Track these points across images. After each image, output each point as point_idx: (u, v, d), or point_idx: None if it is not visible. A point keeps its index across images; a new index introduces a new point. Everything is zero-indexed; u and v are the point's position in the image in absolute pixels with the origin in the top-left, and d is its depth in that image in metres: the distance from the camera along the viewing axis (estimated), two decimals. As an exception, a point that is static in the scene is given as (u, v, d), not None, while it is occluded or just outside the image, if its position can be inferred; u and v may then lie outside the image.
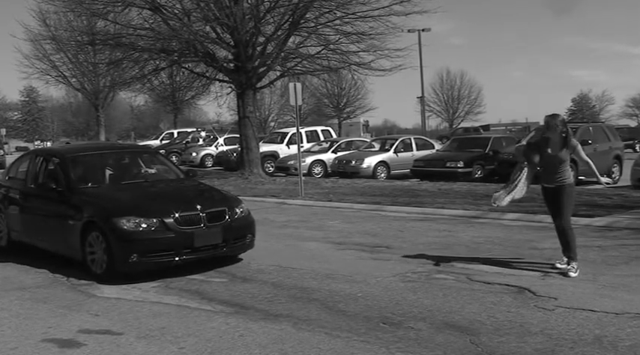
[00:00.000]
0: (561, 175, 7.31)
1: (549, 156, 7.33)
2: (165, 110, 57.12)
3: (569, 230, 7.31)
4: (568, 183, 7.34)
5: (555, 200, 7.39)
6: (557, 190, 7.34)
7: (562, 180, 7.31)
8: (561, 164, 7.30)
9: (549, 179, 7.40)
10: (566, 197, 7.31)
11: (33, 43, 37.11)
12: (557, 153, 7.28)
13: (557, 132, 7.25)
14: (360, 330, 5.48)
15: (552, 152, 7.29)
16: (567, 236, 7.27)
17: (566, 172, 7.34)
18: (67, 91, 61.36)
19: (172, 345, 5.24)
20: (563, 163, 7.31)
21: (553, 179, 7.35)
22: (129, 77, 25.31)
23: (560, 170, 7.31)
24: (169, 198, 8.31)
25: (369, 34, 19.91)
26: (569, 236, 7.27)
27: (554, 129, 7.27)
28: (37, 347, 5.33)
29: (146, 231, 7.47)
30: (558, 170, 7.31)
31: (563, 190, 7.31)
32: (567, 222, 7.31)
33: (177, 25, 19.62)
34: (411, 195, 15.17)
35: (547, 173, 7.43)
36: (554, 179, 7.34)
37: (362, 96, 64.17)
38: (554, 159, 7.30)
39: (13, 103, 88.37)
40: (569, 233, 7.27)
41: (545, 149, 7.35)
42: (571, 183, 7.39)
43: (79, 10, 22.36)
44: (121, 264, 7.41)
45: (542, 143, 7.42)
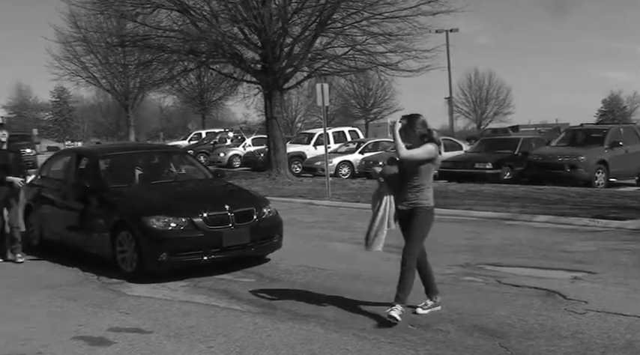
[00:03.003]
0: (415, 194, 5.77)
1: (405, 165, 5.79)
2: (194, 111, 57.61)
3: (409, 268, 5.77)
4: (424, 205, 5.78)
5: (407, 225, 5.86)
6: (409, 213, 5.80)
7: (416, 200, 5.77)
8: (415, 177, 5.73)
9: (401, 197, 5.84)
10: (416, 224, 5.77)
11: (64, 44, 37.61)
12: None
13: (416, 135, 5.75)
14: (387, 332, 5.46)
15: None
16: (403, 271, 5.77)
17: (423, 191, 5.77)
18: (97, 92, 62.25)
19: (201, 344, 5.28)
20: (417, 176, 5.73)
21: (405, 198, 5.81)
22: (158, 78, 25.59)
23: (415, 185, 5.75)
24: (198, 198, 8.37)
25: (397, 35, 19.85)
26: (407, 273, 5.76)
27: (412, 132, 5.76)
28: (69, 344, 5.41)
29: (175, 230, 7.54)
30: (413, 185, 5.75)
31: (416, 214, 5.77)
32: (410, 254, 5.79)
33: (206, 26, 19.78)
34: (438, 197, 14.91)
35: (402, 189, 5.83)
36: (406, 198, 5.80)
37: (389, 97, 63.91)
38: (409, 170, 5.76)
39: (44, 104, 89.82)
40: (407, 270, 5.76)
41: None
42: (429, 207, 5.82)
43: (108, 12, 22.68)
44: (151, 262, 7.50)
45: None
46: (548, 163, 18.44)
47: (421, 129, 5.71)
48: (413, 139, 5.73)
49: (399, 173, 5.81)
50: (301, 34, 20.26)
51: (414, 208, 5.75)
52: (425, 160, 5.68)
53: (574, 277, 7.16)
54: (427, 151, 5.66)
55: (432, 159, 5.72)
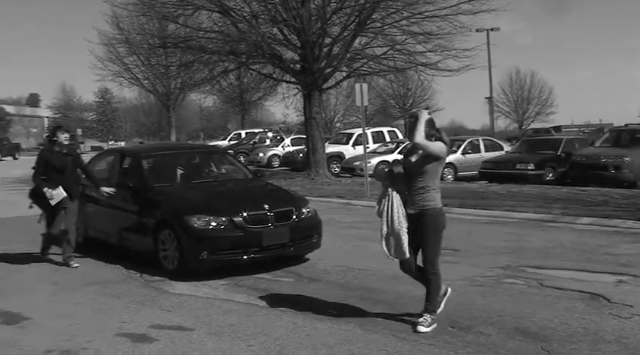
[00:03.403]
0: (422, 195, 5.57)
1: (410, 166, 5.63)
2: (234, 111, 58.09)
3: (434, 275, 5.62)
4: (432, 207, 5.59)
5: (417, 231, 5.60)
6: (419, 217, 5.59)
7: (423, 202, 5.57)
8: (420, 177, 5.56)
9: (409, 201, 5.62)
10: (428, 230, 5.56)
11: (107, 46, 38.34)
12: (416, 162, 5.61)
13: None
14: (427, 334, 5.43)
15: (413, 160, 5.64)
16: (429, 281, 5.64)
17: (429, 192, 5.57)
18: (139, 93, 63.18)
19: (242, 343, 5.33)
20: (423, 177, 5.55)
21: (412, 201, 5.61)
22: (199, 79, 25.90)
23: (420, 186, 5.56)
24: (238, 198, 8.45)
25: (437, 34, 19.70)
26: (433, 282, 5.64)
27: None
28: (112, 340, 5.52)
29: (216, 229, 7.63)
30: (419, 186, 5.56)
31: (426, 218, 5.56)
32: (430, 262, 5.61)
33: (246, 27, 19.94)
34: (479, 198, 14.92)
35: (409, 192, 5.62)
36: (413, 201, 5.60)
37: (428, 96, 63.54)
38: (414, 170, 5.58)
39: (88, 104, 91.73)
40: (432, 279, 5.63)
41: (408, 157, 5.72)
42: (437, 209, 5.62)
43: (150, 14, 23.01)
44: (192, 261, 7.59)
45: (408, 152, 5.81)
46: (591, 164, 18.08)
47: (428, 128, 5.49)
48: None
49: (405, 175, 5.62)
50: (340, 34, 20.26)
51: (421, 211, 5.56)
52: (432, 158, 5.50)
53: (618, 280, 7.01)
54: (439, 147, 5.52)
55: (440, 158, 5.57)
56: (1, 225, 13.08)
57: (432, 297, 5.62)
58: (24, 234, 11.49)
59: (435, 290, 5.62)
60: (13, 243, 10.53)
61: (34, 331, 5.83)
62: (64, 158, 8.51)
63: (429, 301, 5.61)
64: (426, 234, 5.55)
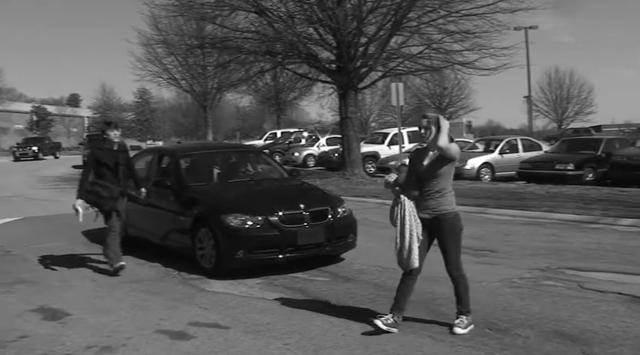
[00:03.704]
0: (437, 199, 5.46)
1: (423, 169, 5.50)
2: (269, 111, 58.38)
3: (461, 277, 5.58)
4: (449, 210, 5.49)
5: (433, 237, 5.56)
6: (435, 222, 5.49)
7: (440, 206, 5.47)
8: (434, 181, 5.44)
9: (422, 205, 5.51)
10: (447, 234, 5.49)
11: (145, 46, 38.89)
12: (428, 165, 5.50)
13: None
14: (464, 335, 5.39)
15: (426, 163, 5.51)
16: (457, 284, 5.61)
17: (445, 195, 5.49)
18: (177, 93, 64.13)
19: (277, 341, 5.36)
20: (437, 180, 5.44)
21: (427, 205, 5.50)
22: (235, 79, 26.13)
23: (436, 190, 5.46)
24: (274, 197, 8.48)
25: (474, 33, 19.49)
26: (461, 285, 5.60)
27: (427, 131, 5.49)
28: (151, 337, 5.60)
29: (252, 228, 7.69)
30: (433, 190, 5.45)
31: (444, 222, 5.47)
32: (455, 266, 5.56)
33: (282, 27, 20.02)
34: (517, 198, 14.73)
35: (421, 196, 5.51)
36: (427, 205, 5.49)
37: (465, 96, 62.93)
38: (428, 174, 5.46)
39: (127, 105, 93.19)
40: (460, 282, 5.59)
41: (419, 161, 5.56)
42: (454, 212, 5.52)
43: (188, 15, 23.26)
44: (228, 259, 7.65)
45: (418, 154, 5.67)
46: (633, 164, 17.69)
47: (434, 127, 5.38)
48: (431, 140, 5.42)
49: (416, 179, 5.46)
50: (376, 34, 20.20)
51: (438, 216, 5.42)
52: (447, 160, 5.40)
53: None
54: (457, 150, 5.45)
55: (454, 160, 5.47)
56: (43, 222, 13.37)
57: (464, 299, 5.55)
58: (65, 231, 11.76)
59: (465, 290, 5.55)
60: (55, 241, 10.77)
61: (75, 327, 5.95)
62: (115, 155, 8.25)
63: (462, 303, 5.55)
64: (448, 240, 5.47)
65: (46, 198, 18.77)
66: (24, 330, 5.85)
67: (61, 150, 55.63)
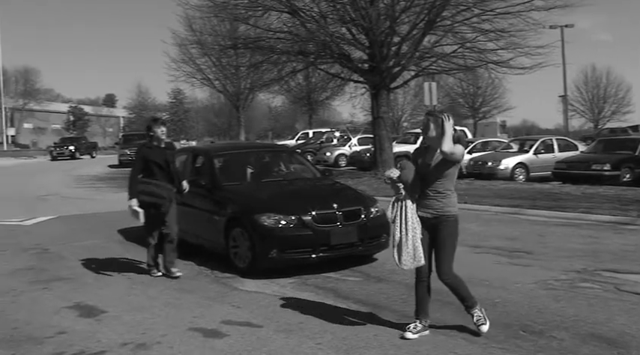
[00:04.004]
0: (441, 200, 5.33)
1: (427, 169, 5.34)
2: (301, 111, 58.53)
3: (454, 278, 5.41)
4: (452, 213, 5.36)
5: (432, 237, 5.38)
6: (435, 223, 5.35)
7: (443, 207, 5.33)
8: (439, 181, 5.32)
9: (423, 204, 5.37)
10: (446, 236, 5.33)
11: (180, 47, 39.41)
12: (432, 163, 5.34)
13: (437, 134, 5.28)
14: (498, 337, 5.33)
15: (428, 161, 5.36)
16: (451, 286, 5.43)
17: (449, 197, 5.35)
18: (210, 93, 64.74)
19: (310, 340, 5.36)
20: (442, 180, 5.32)
21: (429, 204, 5.36)
22: (268, 79, 26.25)
23: (440, 191, 5.33)
24: (307, 196, 8.50)
25: (508, 31, 19.30)
26: (455, 284, 5.42)
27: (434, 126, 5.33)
28: (185, 334, 5.65)
29: (285, 227, 7.68)
30: (437, 190, 5.33)
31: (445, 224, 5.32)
32: (447, 270, 5.36)
33: (314, 27, 20.05)
34: (552, 199, 14.51)
35: (423, 195, 5.38)
36: (430, 205, 5.36)
37: (499, 95, 62.27)
38: (433, 174, 5.32)
39: (162, 105, 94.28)
40: (452, 281, 5.40)
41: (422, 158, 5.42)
42: (455, 216, 5.40)
43: (222, 15, 23.45)
44: (262, 259, 7.67)
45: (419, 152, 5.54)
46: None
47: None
48: (438, 138, 5.25)
49: (419, 177, 5.31)
50: (409, 33, 20.10)
51: (441, 216, 5.29)
52: (451, 163, 5.26)
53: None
54: (461, 152, 5.30)
55: (459, 162, 5.36)
56: (79, 220, 13.60)
57: (467, 296, 5.42)
58: (100, 229, 11.95)
59: (464, 288, 5.42)
60: (90, 239, 10.94)
61: (111, 324, 6.03)
62: (163, 152, 7.90)
63: (467, 300, 5.43)
64: (445, 242, 5.31)
65: (81, 197, 19.09)
66: (61, 326, 5.96)
67: (97, 150, 56.47)
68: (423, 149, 5.47)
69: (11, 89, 74.61)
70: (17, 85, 77.22)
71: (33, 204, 17.26)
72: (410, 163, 5.40)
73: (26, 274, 8.32)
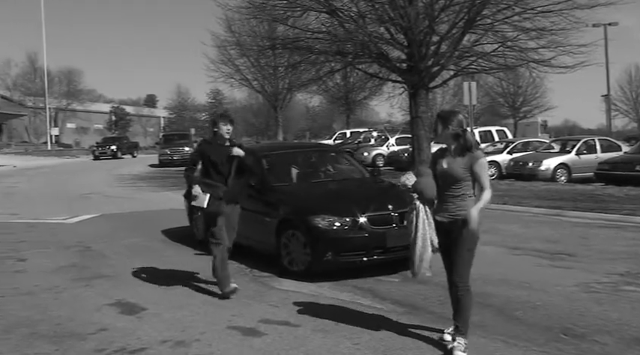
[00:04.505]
0: (457, 203, 5.04)
1: (443, 172, 5.10)
2: (339, 110, 58.49)
3: (466, 291, 5.05)
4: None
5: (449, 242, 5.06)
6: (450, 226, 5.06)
7: (459, 211, 5.03)
8: (456, 185, 5.04)
9: (440, 208, 5.14)
10: (462, 240, 4.99)
11: (219, 48, 39.74)
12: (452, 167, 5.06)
13: (450, 134, 5.09)
14: (538, 340, 5.25)
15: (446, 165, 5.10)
16: (459, 298, 5.06)
17: (466, 200, 5.03)
18: (249, 93, 65.17)
19: (347, 341, 5.36)
20: (460, 183, 5.03)
21: (446, 208, 5.11)
22: (305, 79, 26.28)
23: (456, 195, 5.06)
24: (360, 197, 8.24)
25: (550, 30, 18.92)
26: (464, 299, 5.05)
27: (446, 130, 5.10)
28: (223, 333, 5.71)
29: (340, 229, 7.48)
30: (454, 194, 5.05)
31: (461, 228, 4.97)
32: (462, 277, 5.04)
33: (353, 27, 20.00)
34: (594, 200, 14.22)
35: (439, 199, 5.15)
36: (446, 208, 5.10)
37: (540, 94, 61.24)
38: (448, 177, 5.07)
39: (201, 105, 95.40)
40: (464, 295, 5.05)
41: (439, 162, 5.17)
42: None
43: (261, 16, 23.56)
44: (317, 262, 7.52)
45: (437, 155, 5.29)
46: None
47: (456, 128, 5.02)
48: (446, 138, 5.09)
49: (436, 181, 5.08)
50: (448, 32, 19.90)
51: (458, 220, 4.97)
52: (469, 167, 4.97)
53: None
54: (486, 168, 5.04)
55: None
56: (120, 219, 13.83)
57: (465, 316, 5.04)
58: (141, 228, 12.14)
59: (468, 307, 5.04)
60: (131, 237, 11.12)
61: (151, 321, 6.12)
62: (223, 151, 7.10)
63: (460, 319, 5.04)
64: (462, 247, 4.97)
65: (122, 196, 19.42)
66: (102, 323, 6.07)
67: (138, 150, 57.38)
68: (442, 151, 5.22)
69: (55, 90, 76.25)
70: (61, 85, 78.89)
71: (76, 202, 17.63)
72: (427, 169, 5.19)
73: (69, 271, 8.50)
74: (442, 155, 5.16)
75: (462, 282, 5.00)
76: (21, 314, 6.48)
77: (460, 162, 4.97)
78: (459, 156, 5.00)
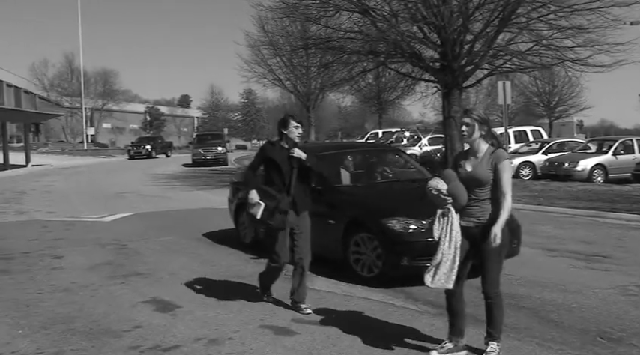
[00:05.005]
0: (484, 207, 4.79)
1: (467, 175, 4.83)
2: (371, 110, 58.37)
3: (497, 297, 4.88)
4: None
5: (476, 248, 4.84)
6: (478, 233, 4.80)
7: (485, 215, 4.78)
8: (482, 188, 4.78)
9: (464, 212, 4.86)
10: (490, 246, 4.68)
11: (252, 49, 40.01)
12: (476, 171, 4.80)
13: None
14: (574, 343, 5.17)
15: (469, 168, 4.84)
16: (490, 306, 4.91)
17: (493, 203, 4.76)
18: (281, 93, 65.43)
19: (379, 341, 5.34)
20: (486, 187, 4.77)
21: (471, 213, 4.84)
22: (338, 79, 26.28)
23: (482, 199, 4.79)
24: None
25: (586, 28, 18.61)
26: (495, 306, 4.89)
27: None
28: (256, 332, 5.74)
29: (416, 232, 7.08)
30: (479, 198, 4.79)
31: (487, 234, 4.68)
32: (494, 284, 4.85)
33: (385, 26, 19.94)
34: (632, 202, 13.95)
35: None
36: (472, 213, 4.84)
37: (576, 94, 60.17)
38: (473, 181, 4.79)
39: (234, 105, 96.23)
40: (495, 302, 4.88)
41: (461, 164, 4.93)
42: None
43: (294, 16, 23.63)
44: (391, 267, 7.14)
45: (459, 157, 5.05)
46: None
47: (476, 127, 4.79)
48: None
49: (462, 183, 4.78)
50: (482, 31, 19.71)
51: (484, 226, 4.71)
52: (493, 169, 4.73)
53: None
54: (510, 170, 4.80)
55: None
56: (154, 217, 14.01)
57: (497, 321, 4.85)
58: (175, 226, 12.28)
59: (500, 311, 4.86)
60: (165, 235, 11.25)
61: (185, 319, 6.18)
62: (287, 155, 6.31)
63: (494, 326, 4.86)
64: (490, 253, 4.70)
65: (157, 195, 19.66)
66: (138, 320, 6.16)
67: (172, 149, 58.10)
68: (464, 153, 4.99)
69: (91, 90, 77.60)
70: (97, 86, 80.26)
71: (111, 201, 17.91)
72: (452, 172, 4.88)
73: (105, 269, 8.64)
74: (465, 157, 4.92)
75: (493, 289, 4.82)
76: (58, 310, 6.60)
77: (485, 163, 4.73)
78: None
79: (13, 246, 10.53)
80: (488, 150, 4.79)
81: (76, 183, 25.90)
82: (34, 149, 51.98)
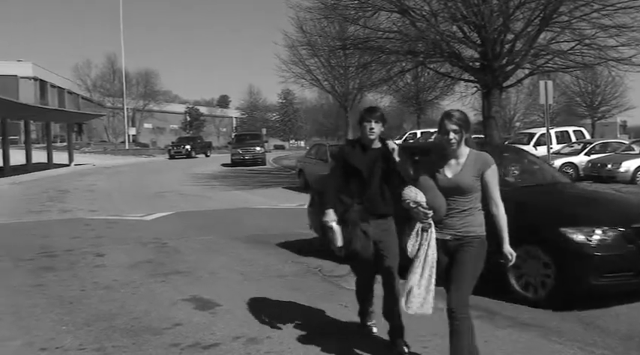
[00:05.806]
0: (464, 219, 4.22)
1: (448, 182, 4.22)
2: (409, 110, 58.05)
3: (465, 320, 4.20)
4: (477, 234, 4.21)
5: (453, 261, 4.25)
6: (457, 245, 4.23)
7: (466, 228, 4.22)
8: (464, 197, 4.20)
9: (443, 224, 4.25)
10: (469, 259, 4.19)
11: (290, 49, 40.19)
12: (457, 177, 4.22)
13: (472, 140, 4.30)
14: (617, 349, 5.07)
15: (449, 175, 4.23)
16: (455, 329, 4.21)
17: (474, 214, 4.22)
18: (319, 93, 65.44)
19: (417, 343, 5.30)
20: (470, 196, 4.20)
21: (449, 225, 4.24)
22: (376, 79, 26.22)
23: (463, 209, 4.21)
24: (610, 205, 7.01)
25: (631, 27, 18.22)
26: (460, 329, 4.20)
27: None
28: (293, 331, 5.75)
29: (603, 244, 6.04)
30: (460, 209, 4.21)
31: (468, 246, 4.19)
32: (463, 302, 4.19)
33: (424, 26, 19.82)
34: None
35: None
36: (450, 225, 4.24)
37: (620, 94, 58.84)
38: (454, 189, 4.20)
39: (272, 105, 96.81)
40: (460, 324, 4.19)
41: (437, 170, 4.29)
42: (482, 237, 4.23)
43: (332, 17, 23.65)
44: (574, 285, 6.12)
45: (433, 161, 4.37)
46: None
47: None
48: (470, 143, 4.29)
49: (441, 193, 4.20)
50: (523, 30, 19.44)
51: (463, 238, 4.18)
52: (478, 175, 4.19)
53: None
54: (497, 176, 4.26)
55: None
56: (194, 217, 14.17)
57: (464, 343, 4.20)
58: (214, 225, 12.41)
59: (468, 333, 4.23)
60: (205, 234, 11.38)
61: (224, 318, 6.24)
62: (371, 157, 5.21)
63: (458, 350, 4.21)
64: (466, 268, 4.17)
65: (197, 194, 19.90)
66: (178, 318, 6.24)
67: (211, 149, 58.67)
68: (440, 158, 4.31)
69: (133, 91, 78.88)
70: (138, 86, 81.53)
71: (152, 200, 18.20)
72: (429, 179, 4.24)
73: (145, 267, 8.77)
74: (443, 161, 4.29)
75: (464, 308, 4.18)
76: (100, 307, 6.73)
77: (470, 169, 4.18)
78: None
79: (57, 244, 10.77)
80: (471, 154, 4.22)
81: (117, 182, 26.38)
82: (77, 149, 53.08)
